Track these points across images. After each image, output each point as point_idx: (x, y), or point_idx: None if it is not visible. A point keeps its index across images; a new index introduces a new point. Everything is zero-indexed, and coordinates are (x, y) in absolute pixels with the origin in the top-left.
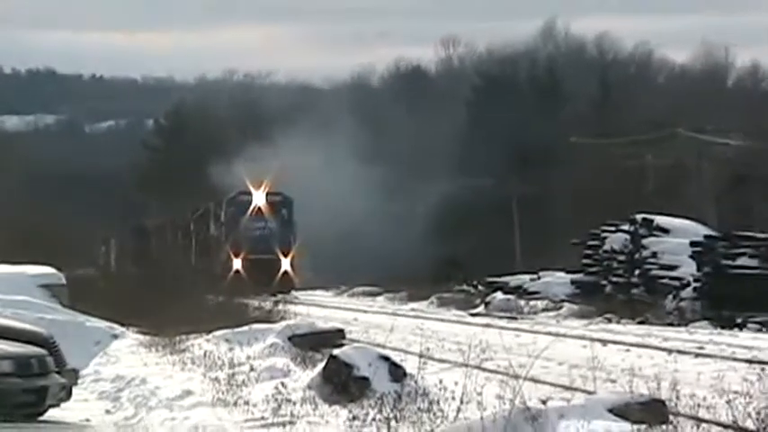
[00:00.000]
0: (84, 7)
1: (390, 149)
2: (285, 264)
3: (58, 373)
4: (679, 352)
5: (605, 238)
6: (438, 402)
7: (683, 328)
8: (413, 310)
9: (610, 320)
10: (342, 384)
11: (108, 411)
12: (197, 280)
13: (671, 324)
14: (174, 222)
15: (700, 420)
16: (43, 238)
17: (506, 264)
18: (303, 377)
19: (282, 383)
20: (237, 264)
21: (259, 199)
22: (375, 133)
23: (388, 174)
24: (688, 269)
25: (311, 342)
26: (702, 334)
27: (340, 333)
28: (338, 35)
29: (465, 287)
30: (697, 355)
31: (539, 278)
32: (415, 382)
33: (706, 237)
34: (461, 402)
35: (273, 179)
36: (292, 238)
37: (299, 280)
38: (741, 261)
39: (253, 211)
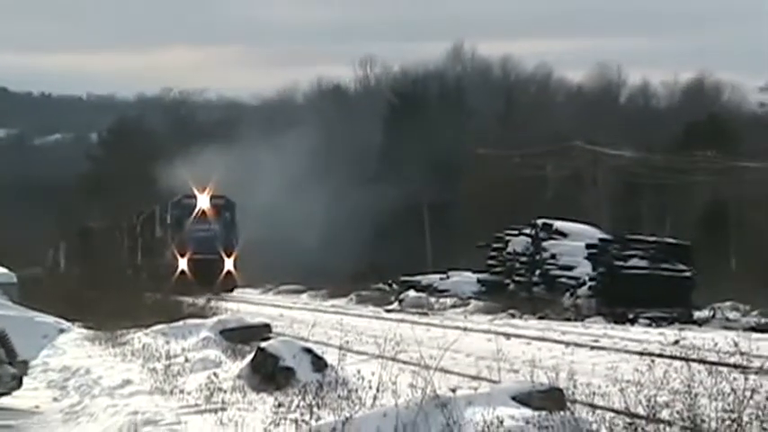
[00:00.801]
0: (34, 31)
1: (318, 161)
2: (228, 264)
3: (9, 363)
4: (576, 345)
5: (509, 241)
6: (356, 391)
7: (579, 323)
8: (333, 306)
9: (513, 316)
10: (268, 374)
11: (55, 399)
12: (137, 278)
13: (568, 319)
14: (119, 225)
15: (595, 407)
16: None
17: (419, 264)
18: (233, 368)
19: (214, 373)
20: (183, 264)
21: (203, 202)
22: (301, 145)
23: (317, 183)
24: (584, 269)
25: (240, 336)
26: (597, 328)
27: (267, 327)
28: (266, 56)
29: (381, 286)
30: (592, 348)
31: (448, 277)
32: (336, 372)
33: (600, 240)
34: (377, 391)
35: (216, 183)
36: (235, 240)
37: (241, 279)
38: (632, 262)
39: (197, 213)
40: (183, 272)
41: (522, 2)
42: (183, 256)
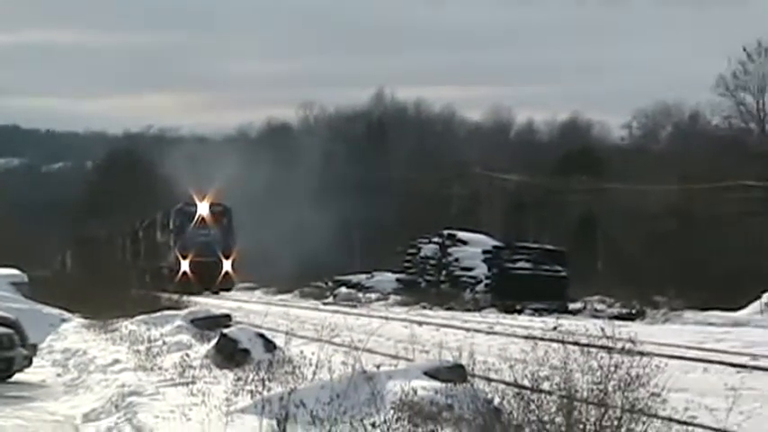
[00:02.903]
0: (40, 79)
1: (271, 185)
2: (227, 265)
3: (22, 346)
4: (475, 330)
5: (421, 247)
6: (299, 367)
7: (477, 313)
8: (281, 300)
9: (424, 308)
10: (229, 355)
11: (59, 375)
12: (141, 279)
13: (469, 310)
14: (123, 232)
15: (490, 380)
16: (11, 249)
17: (349, 266)
18: (201, 349)
19: (186, 354)
20: (185, 266)
21: (203, 209)
22: (257, 172)
23: (269, 202)
24: (481, 270)
25: (207, 324)
26: (492, 317)
27: (228, 317)
28: (227, 100)
29: (319, 283)
30: (488, 333)
31: (372, 277)
32: (283, 352)
33: (494, 247)
34: (316, 367)
35: (215, 192)
36: (232, 243)
37: (238, 279)
38: (519, 264)
39: (198, 219)
40: (185, 273)
41: (431, 56)
42: (185, 258)
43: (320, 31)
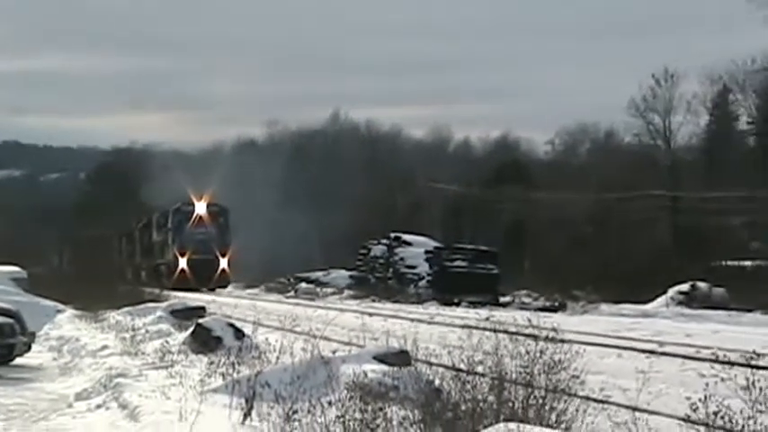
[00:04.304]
0: (39, 100)
1: (242, 193)
2: (223, 263)
3: (22, 334)
4: (418, 320)
5: (371, 248)
6: (265, 353)
7: (420, 306)
8: (249, 294)
9: (374, 301)
10: (204, 342)
11: (54, 359)
12: (118, 275)
13: (413, 303)
14: (118, 232)
15: (431, 364)
16: (13, 249)
17: (309, 264)
18: (179, 337)
19: (166, 341)
20: (183, 263)
21: (200, 209)
22: (230, 182)
23: (245, 208)
24: (423, 268)
25: (184, 315)
26: (432, 309)
27: (203, 309)
28: (203, 119)
29: (282, 279)
30: (429, 323)
31: (329, 273)
32: (251, 339)
33: (435, 248)
34: (280, 353)
35: (212, 192)
36: (228, 242)
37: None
38: (457, 263)
39: (195, 219)
40: (183, 270)
41: (380, 80)
42: (183, 256)
43: (284, 59)
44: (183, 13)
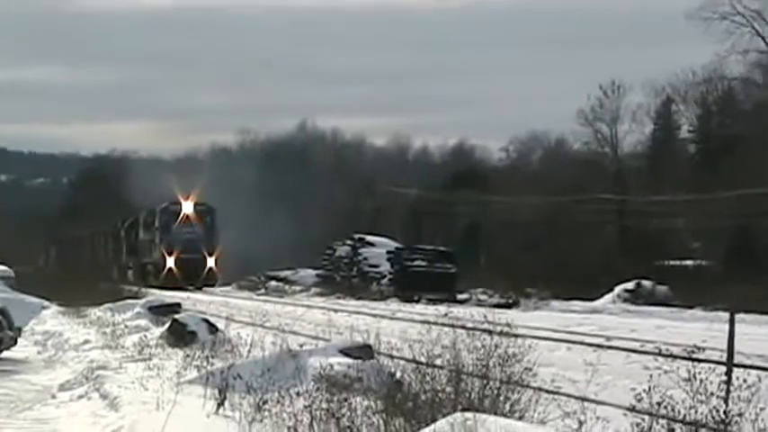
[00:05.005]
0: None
1: (218, 197)
2: (210, 262)
3: (9, 329)
4: (381, 316)
5: (336, 248)
6: (237, 346)
7: (382, 303)
8: (222, 291)
9: (339, 298)
10: (180, 336)
11: (39, 352)
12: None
13: (375, 299)
14: (103, 232)
15: (393, 357)
16: (1, 249)
17: (278, 264)
18: (156, 332)
19: (144, 335)
20: (171, 262)
21: (187, 208)
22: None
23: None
24: (385, 267)
25: (161, 311)
26: (394, 306)
27: (178, 305)
28: (179, 127)
29: (254, 278)
30: (391, 318)
31: (297, 272)
32: (224, 334)
33: (396, 248)
34: (251, 346)
35: (199, 192)
36: (216, 241)
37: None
38: (416, 262)
39: (182, 218)
40: (170, 269)
41: (344, 91)
42: (170, 255)
43: (255, 70)
44: (160, 28)
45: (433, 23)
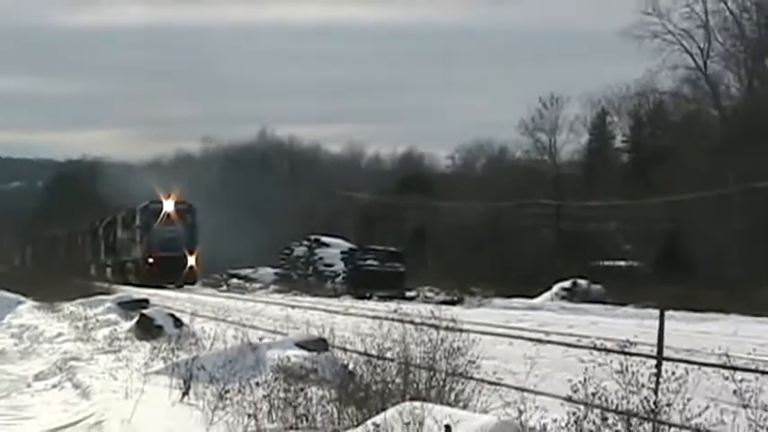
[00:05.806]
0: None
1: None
2: (191, 260)
3: None
4: (335, 312)
5: (293, 248)
6: (201, 340)
7: (336, 299)
8: (187, 288)
9: (296, 295)
10: (147, 329)
11: (15, 344)
12: (75, 271)
13: (330, 296)
14: (81, 231)
15: (346, 350)
16: None
17: (239, 263)
18: (126, 325)
19: (114, 329)
20: (152, 260)
21: (168, 207)
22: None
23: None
24: (340, 266)
25: (130, 306)
26: (347, 302)
27: (146, 301)
28: (147, 135)
29: (216, 275)
30: (344, 314)
31: (256, 271)
32: (188, 328)
33: (349, 249)
34: (214, 339)
35: (180, 191)
36: (196, 240)
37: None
38: (369, 262)
39: (163, 216)
40: (151, 267)
41: (301, 102)
42: (151, 253)
43: (218, 82)
44: (129, 43)
45: (385, 39)
